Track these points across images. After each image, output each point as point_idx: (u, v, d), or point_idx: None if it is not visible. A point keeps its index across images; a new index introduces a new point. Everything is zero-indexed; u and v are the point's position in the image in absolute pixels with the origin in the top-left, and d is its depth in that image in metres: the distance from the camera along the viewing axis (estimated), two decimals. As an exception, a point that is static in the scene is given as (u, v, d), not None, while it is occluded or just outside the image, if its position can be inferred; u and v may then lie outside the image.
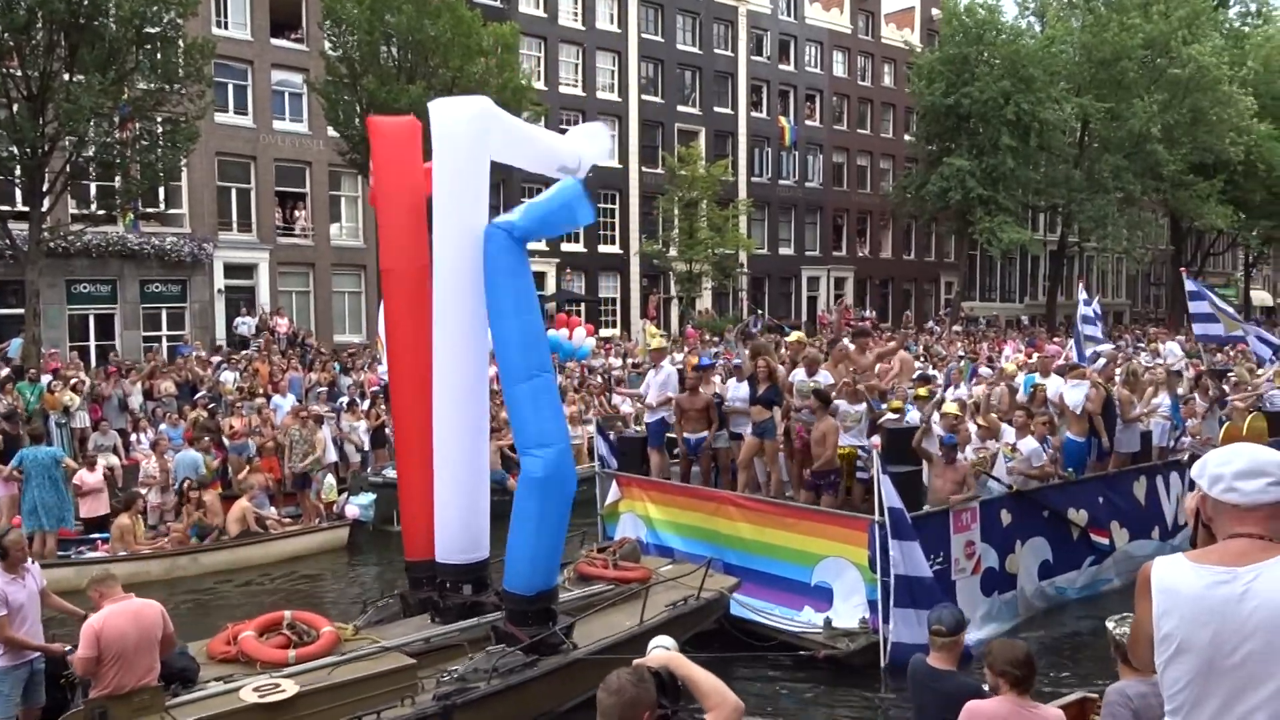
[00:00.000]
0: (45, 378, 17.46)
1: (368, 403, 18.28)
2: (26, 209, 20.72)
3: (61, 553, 12.77)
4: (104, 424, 16.69)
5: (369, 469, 16.90)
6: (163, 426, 16.42)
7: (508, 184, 29.12)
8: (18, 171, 20.42)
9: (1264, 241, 51.78)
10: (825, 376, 10.94)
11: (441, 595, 8.43)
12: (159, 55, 20.97)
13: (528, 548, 7.78)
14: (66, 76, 19.64)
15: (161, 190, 26.14)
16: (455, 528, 8.28)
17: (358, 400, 18.54)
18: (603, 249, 39.10)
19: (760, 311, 39.93)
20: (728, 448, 11.54)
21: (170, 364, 21.38)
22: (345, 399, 18.64)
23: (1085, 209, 40.97)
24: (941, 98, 39.36)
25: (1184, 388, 15.18)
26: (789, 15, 45.13)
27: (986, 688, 4.72)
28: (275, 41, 30.21)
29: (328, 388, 19.71)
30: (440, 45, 25.82)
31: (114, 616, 6.23)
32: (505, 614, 8.00)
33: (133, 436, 16.80)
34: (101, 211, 23.53)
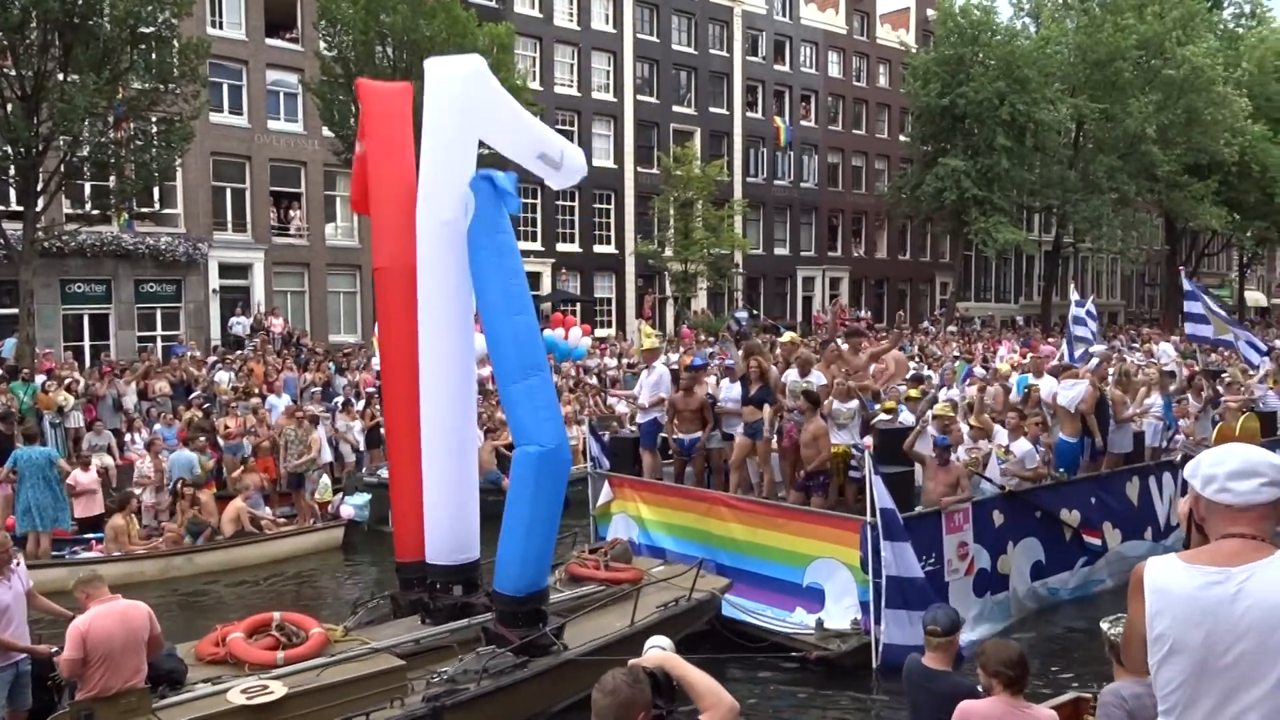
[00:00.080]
0: (39, 378, 17.44)
1: (363, 403, 18.23)
2: (21, 208, 20.66)
3: (56, 553, 12.72)
4: (98, 424, 16.65)
5: (364, 469, 16.88)
6: (157, 426, 16.37)
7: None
8: (12, 171, 20.39)
9: (1258, 242, 51.87)
10: (818, 377, 10.92)
11: (431, 596, 8.39)
12: (154, 55, 20.93)
13: (518, 548, 7.72)
14: (61, 76, 19.61)
15: (156, 190, 26.07)
16: (444, 529, 8.24)
17: (353, 400, 18.50)
18: (598, 249, 39.13)
19: (755, 312, 39.90)
20: (720, 448, 11.53)
21: (165, 364, 21.29)
22: (340, 399, 18.62)
23: (1080, 209, 41.01)
24: (936, 98, 39.35)
25: (1175, 387, 15.17)
26: (784, 16, 45.15)
27: (980, 688, 4.71)
28: (270, 41, 30.21)
29: (323, 388, 19.65)
30: (435, 45, 25.67)
31: (100, 618, 6.19)
32: (495, 615, 7.96)
33: (127, 437, 16.78)
34: (96, 211, 23.52)
